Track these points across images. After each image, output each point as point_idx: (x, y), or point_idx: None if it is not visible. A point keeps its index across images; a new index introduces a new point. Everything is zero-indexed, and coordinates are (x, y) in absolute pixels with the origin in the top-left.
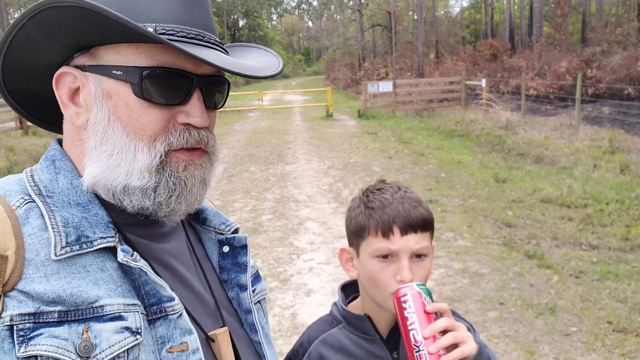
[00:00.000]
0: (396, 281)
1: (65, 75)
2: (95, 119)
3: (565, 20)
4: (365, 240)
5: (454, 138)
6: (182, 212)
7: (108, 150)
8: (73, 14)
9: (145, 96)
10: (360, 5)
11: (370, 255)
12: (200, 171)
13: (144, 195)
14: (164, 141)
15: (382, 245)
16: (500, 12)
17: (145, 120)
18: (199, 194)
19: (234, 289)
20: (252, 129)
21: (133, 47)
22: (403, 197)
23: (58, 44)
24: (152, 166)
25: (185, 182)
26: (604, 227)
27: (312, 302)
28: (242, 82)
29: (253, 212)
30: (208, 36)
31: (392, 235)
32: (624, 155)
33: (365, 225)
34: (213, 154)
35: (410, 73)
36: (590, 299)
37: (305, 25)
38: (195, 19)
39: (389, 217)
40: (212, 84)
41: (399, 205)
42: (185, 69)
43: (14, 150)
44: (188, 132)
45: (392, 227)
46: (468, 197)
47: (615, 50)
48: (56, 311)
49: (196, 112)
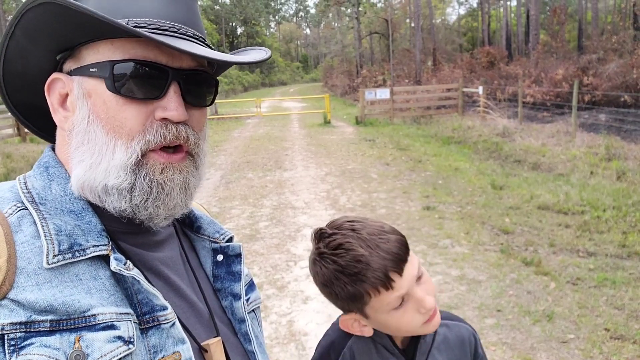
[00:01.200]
0: (421, 314)
1: (56, 82)
2: (77, 120)
3: (561, 28)
4: (368, 304)
5: (452, 145)
6: (163, 217)
7: (89, 149)
8: (45, 13)
9: (118, 91)
10: (358, 13)
11: (387, 311)
12: (180, 175)
13: (120, 195)
14: (141, 139)
15: (392, 297)
16: (497, 20)
17: (121, 117)
18: (179, 198)
19: (227, 298)
20: (249, 136)
21: (109, 43)
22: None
23: (43, 49)
24: (127, 165)
25: (163, 185)
26: (601, 234)
27: (309, 309)
28: (240, 89)
29: (250, 219)
30: (185, 29)
31: (394, 283)
32: (620, 162)
33: (360, 293)
34: (198, 157)
35: (408, 80)
36: (588, 306)
37: (303, 32)
38: (172, 12)
39: (379, 272)
40: (191, 78)
41: (378, 252)
42: (159, 62)
43: (12, 157)
44: (165, 128)
45: (389, 275)
46: (465, 203)
47: (611, 58)
48: (48, 320)
49: (172, 105)
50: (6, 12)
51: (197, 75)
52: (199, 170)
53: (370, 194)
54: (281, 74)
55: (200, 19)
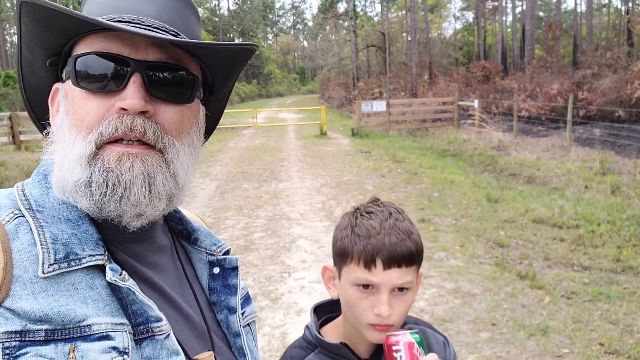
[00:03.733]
0: (374, 314)
1: (56, 92)
2: (56, 120)
3: (556, 44)
4: (347, 265)
5: (447, 158)
6: (130, 215)
7: (59, 147)
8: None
9: (80, 84)
10: (355, 26)
11: (350, 283)
12: (143, 166)
13: (81, 192)
14: (96, 131)
15: (363, 276)
16: (492, 35)
17: (83, 111)
18: (141, 194)
19: (223, 312)
20: (245, 146)
21: (82, 43)
22: (392, 226)
23: (40, 60)
24: (82, 157)
25: (119, 177)
26: (596, 248)
27: (302, 321)
28: (237, 100)
29: (245, 230)
30: (151, 21)
31: (374, 268)
32: (614, 176)
33: (348, 251)
34: (166, 152)
35: (404, 93)
36: (582, 320)
37: (300, 44)
38: (144, 9)
39: (372, 249)
40: (158, 70)
41: (385, 237)
42: (121, 54)
43: (6, 165)
44: (119, 119)
45: (375, 259)
46: (460, 216)
47: (605, 73)
48: (43, 330)
49: (129, 94)
50: (4, 21)
51: (165, 67)
52: (171, 167)
53: None
54: (278, 86)
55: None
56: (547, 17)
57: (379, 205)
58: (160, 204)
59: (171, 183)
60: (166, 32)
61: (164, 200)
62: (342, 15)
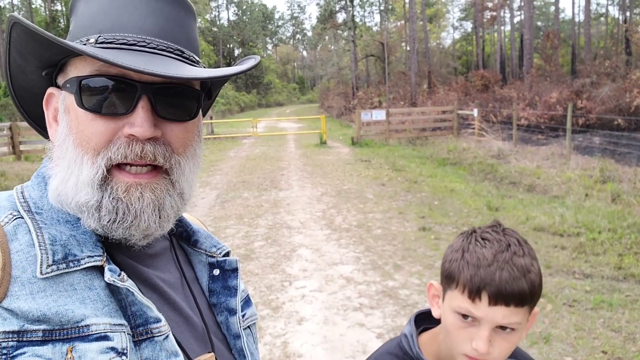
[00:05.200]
0: (472, 347)
1: (52, 96)
2: (58, 134)
3: (555, 53)
4: (451, 290)
5: (447, 166)
6: (138, 238)
7: (63, 163)
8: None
9: (85, 106)
10: (354, 36)
11: (452, 309)
12: (153, 194)
13: (89, 214)
14: (105, 155)
15: (465, 306)
16: (491, 44)
17: (89, 132)
18: (151, 220)
19: (223, 313)
20: (245, 156)
21: (82, 59)
22: (507, 260)
23: (33, 65)
24: (94, 182)
25: (128, 206)
26: (597, 256)
27: (303, 330)
28: (237, 109)
29: (245, 239)
30: (157, 42)
31: (478, 301)
32: (615, 184)
33: (454, 276)
34: (172, 172)
35: (403, 102)
36: (585, 328)
37: (300, 54)
38: (147, 26)
39: (480, 281)
40: (164, 92)
41: (497, 271)
42: (127, 77)
43: (6, 175)
44: (127, 145)
45: (481, 293)
46: (461, 224)
47: (604, 82)
48: (40, 330)
49: (138, 120)
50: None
51: (171, 88)
52: (177, 187)
53: (366, 214)
54: (278, 95)
55: (188, 30)
56: (545, 26)
57: (498, 233)
58: (169, 224)
59: (179, 202)
60: (172, 52)
61: (172, 219)
62: (341, 26)
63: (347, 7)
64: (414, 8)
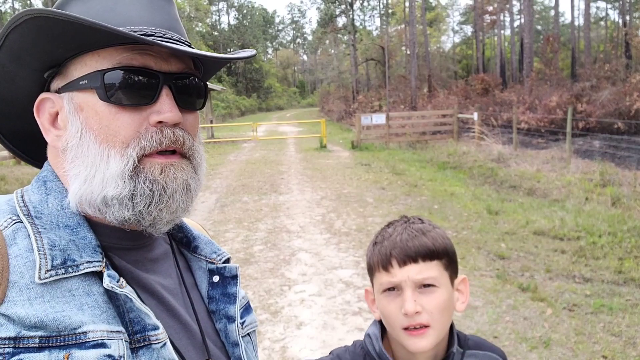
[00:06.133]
0: (402, 315)
1: (44, 102)
2: (70, 135)
3: (555, 56)
4: (374, 277)
5: (447, 170)
6: (165, 220)
7: (84, 163)
8: (30, 30)
9: (110, 99)
10: (354, 40)
11: (379, 291)
12: (182, 173)
13: (122, 205)
14: (136, 146)
15: (385, 279)
16: (491, 48)
17: (115, 126)
18: (181, 200)
19: (222, 321)
20: (245, 160)
21: (95, 55)
22: (405, 228)
23: (28, 69)
24: (124, 173)
25: (164, 186)
26: (597, 260)
27: (302, 335)
28: (237, 113)
29: (245, 243)
30: (170, 33)
31: (391, 268)
32: (615, 188)
33: (371, 262)
34: (194, 159)
35: (404, 106)
36: (585, 332)
37: (300, 58)
38: (155, 19)
39: (386, 250)
40: (182, 82)
41: (397, 237)
42: (148, 67)
43: (6, 179)
44: (161, 132)
45: (390, 259)
46: (461, 228)
47: (604, 85)
48: (37, 336)
49: (166, 107)
50: None
51: (186, 78)
52: (198, 173)
53: (366, 218)
54: (278, 99)
55: (181, 24)
56: (545, 30)
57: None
58: (191, 206)
59: (198, 185)
60: (183, 42)
61: (193, 201)
62: (341, 30)
63: (348, 11)
64: (414, 12)
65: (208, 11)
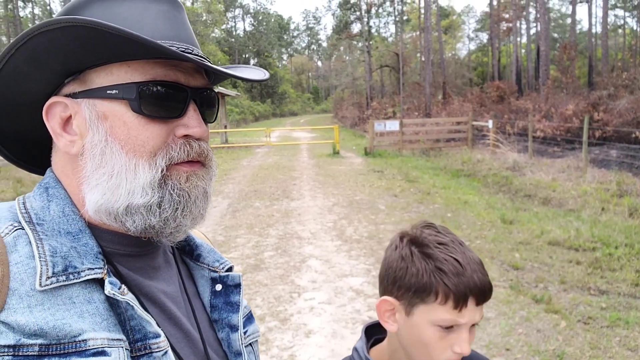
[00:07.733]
0: (453, 352)
1: (55, 106)
2: (91, 143)
3: (571, 64)
4: (426, 304)
5: (461, 178)
6: (187, 227)
7: (107, 172)
8: (66, 36)
9: (143, 111)
10: (369, 46)
11: (431, 322)
12: (202, 182)
13: (149, 212)
14: (164, 156)
15: (450, 317)
16: (507, 56)
17: (144, 137)
18: (202, 206)
19: (224, 330)
20: (258, 165)
21: (125, 65)
22: (474, 261)
23: (48, 72)
24: (154, 182)
25: (189, 193)
26: (613, 272)
27: (311, 343)
28: (251, 119)
29: (255, 249)
30: (196, 50)
31: (464, 309)
32: (632, 198)
33: (432, 289)
34: (210, 167)
35: (418, 113)
36: (600, 346)
37: (314, 64)
38: (181, 35)
39: (465, 288)
40: (204, 96)
41: (473, 274)
42: (179, 82)
43: (22, 181)
44: (189, 145)
45: (469, 300)
46: (474, 237)
47: (621, 94)
48: (37, 344)
49: (194, 122)
50: None
51: (206, 92)
52: (212, 181)
53: (378, 225)
54: (292, 105)
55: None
56: (561, 38)
57: (442, 233)
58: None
59: (212, 195)
60: (204, 58)
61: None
62: (356, 36)
63: (363, 18)
64: (429, 19)
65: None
